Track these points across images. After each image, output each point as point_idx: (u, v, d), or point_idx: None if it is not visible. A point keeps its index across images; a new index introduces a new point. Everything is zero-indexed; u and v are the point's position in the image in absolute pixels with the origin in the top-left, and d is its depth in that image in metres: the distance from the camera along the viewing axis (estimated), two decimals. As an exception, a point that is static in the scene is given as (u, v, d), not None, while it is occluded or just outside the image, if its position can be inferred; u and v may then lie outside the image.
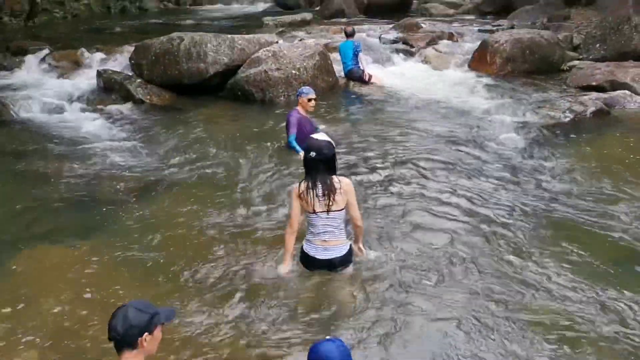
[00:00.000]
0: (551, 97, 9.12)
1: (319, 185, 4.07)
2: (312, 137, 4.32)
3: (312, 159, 4.12)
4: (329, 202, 4.06)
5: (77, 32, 13.99)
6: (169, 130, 8.14)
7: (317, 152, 4.10)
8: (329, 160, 4.17)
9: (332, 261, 4.21)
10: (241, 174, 6.51)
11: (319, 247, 4.19)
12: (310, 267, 4.29)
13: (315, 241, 4.19)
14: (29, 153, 7.26)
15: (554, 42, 11.14)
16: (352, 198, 4.20)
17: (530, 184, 6.12)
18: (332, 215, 4.11)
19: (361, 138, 7.59)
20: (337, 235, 4.19)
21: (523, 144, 7.30)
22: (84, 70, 10.68)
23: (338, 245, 4.20)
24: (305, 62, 9.61)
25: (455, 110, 8.76)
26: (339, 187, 4.09)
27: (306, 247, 4.25)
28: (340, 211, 4.14)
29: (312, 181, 4.10)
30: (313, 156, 4.11)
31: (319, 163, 4.11)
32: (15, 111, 8.75)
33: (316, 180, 4.09)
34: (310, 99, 6.88)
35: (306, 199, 4.09)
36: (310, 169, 4.16)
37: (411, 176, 6.27)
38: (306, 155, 4.19)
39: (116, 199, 5.95)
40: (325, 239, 4.16)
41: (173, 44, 9.71)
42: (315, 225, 4.17)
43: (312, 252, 4.21)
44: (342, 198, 4.10)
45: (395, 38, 12.90)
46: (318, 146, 4.13)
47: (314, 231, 4.19)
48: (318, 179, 4.09)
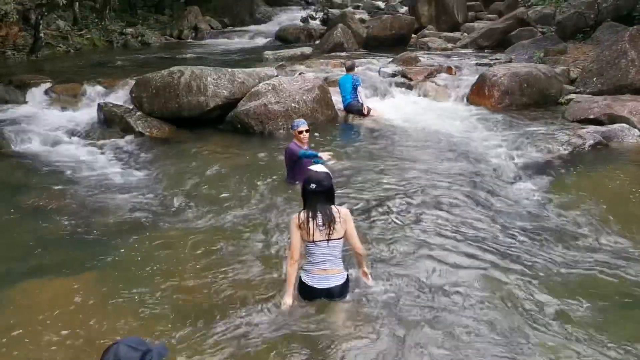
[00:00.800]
0: (549, 130, 9.14)
1: (319, 215, 4.12)
2: (310, 169, 4.37)
3: (313, 190, 4.17)
4: (329, 231, 4.11)
5: (79, 66, 14.14)
6: (169, 163, 8.15)
7: (317, 184, 4.16)
8: (329, 191, 4.25)
9: (331, 290, 4.23)
10: (240, 207, 6.50)
11: (317, 277, 4.20)
12: (308, 297, 4.28)
13: (315, 270, 4.21)
14: (27, 186, 7.26)
15: (551, 76, 11.25)
16: (351, 227, 4.26)
17: (528, 218, 6.10)
18: (332, 244, 4.15)
19: (360, 171, 7.59)
20: (336, 264, 4.22)
21: (521, 177, 7.30)
22: (86, 103, 10.78)
23: (337, 274, 4.23)
24: (305, 96, 9.69)
25: (453, 143, 8.79)
26: (338, 217, 4.15)
27: (305, 277, 4.25)
28: (339, 240, 4.19)
29: (312, 211, 4.14)
30: (313, 188, 4.16)
31: (319, 194, 4.17)
32: (15, 144, 8.79)
33: (316, 210, 4.14)
34: (301, 130, 6.86)
35: (306, 228, 4.12)
36: (310, 200, 4.20)
37: (409, 209, 6.25)
38: (306, 187, 4.22)
39: (114, 232, 5.92)
40: (325, 268, 4.19)
41: (173, 77, 9.81)
42: (314, 255, 4.19)
43: (311, 281, 4.21)
44: (341, 227, 4.16)
45: (394, 71, 13.02)
46: (317, 178, 4.19)
47: (312, 260, 4.20)
48: (318, 208, 4.14)
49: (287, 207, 6.33)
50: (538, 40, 15.16)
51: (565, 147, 8.13)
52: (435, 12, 20.03)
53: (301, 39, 19.28)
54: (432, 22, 20.00)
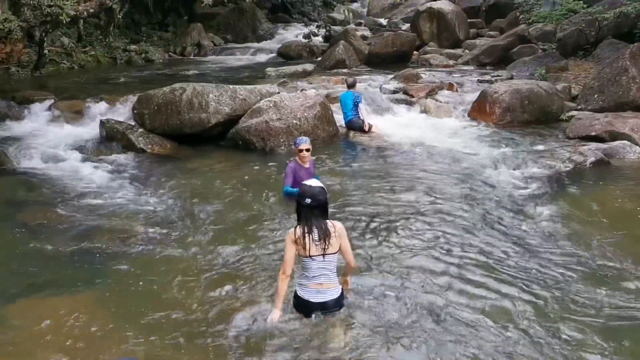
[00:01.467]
0: (551, 147, 9.16)
1: (314, 230, 4.14)
2: (304, 184, 4.37)
3: (308, 205, 4.18)
4: (325, 246, 4.13)
5: (82, 83, 14.20)
6: (170, 180, 8.15)
7: (312, 199, 4.17)
8: (323, 206, 4.26)
9: (327, 304, 4.25)
10: (240, 224, 6.50)
11: (313, 290, 4.22)
12: (304, 311, 4.29)
13: (310, 285, 4.22)
14: (28, 203, 7.27)
15: (552, 93, 11.28)
16: (345, 241, 4.30)
17: (529, 236, 6.07)
18: (327, 258, 4.18)
19: (360, 187, 7.60)
20: (331, 278, 4.25)
21: (523, 194, 7.28)
22: (88, 119, 10.80)
23: (332, 288, 4.26)
24: (306, 112, 9.72)
25: (454, 160, 8.78)
26: (333, 231, 4.18)
27: (300, 292, 4.27)
28: (334, 254, 4.22)
29: (308, 226, 4.15)
30: (308, 203, 4.17)
31: (314, 209, 4.18)
32: (17, 160, 8.80)
33: (312, 225, 4.16)
34: (301, 149, 6.80)
35: (302, 243, 4.14)
36: (305, 215, 4.21)
37: (408, 225, 6.26)
38: (301, 202, 4.23)
39: (113, 250, 5.90)
40: (320, 282, 4.21)
41: (175, 94, 9.85)
42: (310, 269, 4.20)
43: (307, 295, 4.23)
44: (336, 241, 4.19)
45: (395, 88, 13.07)
46: (312, 193, 4.20)
47: (308, 275, 4.22)
48: (313, 223, 4.15)
49: (287, 223, 6.32)
50: (539, 57, 15.23)
51: (567, 164, 8.12)
52: (437, 29, 20.13)
53: (303, 55, 19.36)
54: (434, 38, 20.09)
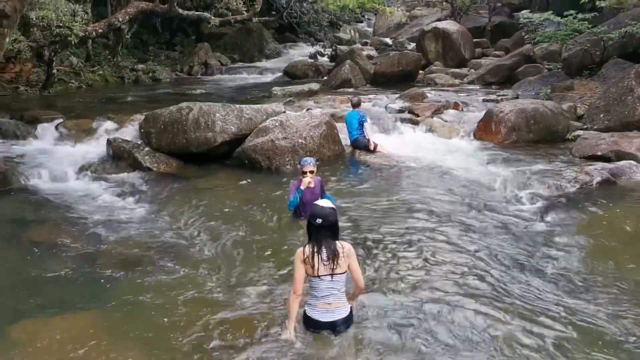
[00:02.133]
0: (556, 167, 9.13)
1: (323, 250, 4.17)
2: (316, 204, 4.42)
3: (318, 225, 4.21)
4: (333, 266, 4.15)
5: (90, 102, 14.31)
6: (176, 199, 8.18)
7: (323, 219, 4.20)
8: (334, 226, 4.29)
9: (335, 323, 4.28)
10: (246, 243, 6.50)
11: (322, 310, 4.25)
12: (313, 330, 4.32)
13: (319, 304, 4.25)
14: (34, 221, 7.30)
15: (558, 112, 11.28)
16: (354, 262, 4.31)
17: (535, 256, 6.04)
18: (335, 278, 4.20)
19: (366, 207, 7.59)
20: (339, 298, 4.28)
21: (529, 215, 7.26)
22: (95, 138, 10.83)
23: (340, 307, 4.28)
24: (312, 132, 9.75)
25: (460, 180, 8.77)
26: (342, 252, 4.21)
27: (309, 312, 4.30)
28: (343, 274, 4.24)
29: (317, 246, 4.18)
30: (319, 223, 4.20)
31: (325, 229, 4.21)
32: (24, 179, 8.85)
33: (321, 245, 4.19)
34: (305, 171, 6.67)
35: (311, 263, 4.16)
36: (315, 235, 4.24)
37: (414, 246, 6.24)
38: (312, 222, 4.26)
39: (118, 269, 5.90)
40: (329, 302, 4.23)
41: (182, 113, 9.92)
42: (318, 289, 4.23)
43: (316, 315, 4.26)
44: (345, 262, 4.22)
45: (401, 107, 13.11)
46: (323, 213, 4.23)
47: (317, 295, 4.25)
48: (323, 243, 4.18)
49: (293, 243, 6.32)
50: (544, 77, 15.27)
51: (573, 184, 8.09)
52: (442, 48, 20.25)
53: (309, 74, 19.49)
54: (439, 58, 20.20)
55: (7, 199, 8.12)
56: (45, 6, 13.37)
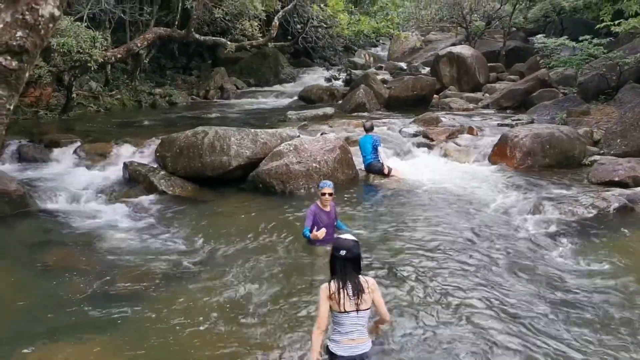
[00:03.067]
0: (573, 192, 9.04)
1: (349, 285, 4.13)
2: (339, 237, 4.43)
3: (343, 257, 4.18)
4: (359, 302, 4.11)
5: (108, 125, 14.52)
6: (191, 223, 8.22)
7: (347, 251, 4.18)
8: (357, 259, 4.25)
9: (357, 357, 4.20)
10: (260, 269, 6.48)
11: (346, 346, 4.17)
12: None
13: (343, 340, 4.18)
14: (50, 244, 7.38)
15: (574, 137, 11.21)
16: (378, 296, 4.29)
17: (552, 283, 5.96)
18: (360, 314, 4.15)
19: (380, 232, 7.57)
20: (363, 333, 4.22)
21: (545, 241, 7.19)
22: (112, 162, 10.99)
23: (364, 342, 4.22)
24: (326, 156, 9.79)
25: (475, 204, 8.73)
26: (366, 286, 4.17)
27: (333, 347, 4.22)
28: (367, 310, 4.19)
29: (342, 281, 4.14)
30: (343, 255, 4.17)
31: (348, 262, 4.18)
32: (42, 201, 8.97)
33: (346, 280, 4.15)
34: (324, 192, 6.97)
35: (337, 299, 4.12)
36: (339, 268, 4.21)
37: (429, 272, 6.19)
38: (335, 254, 4.23)
39: (134, 292, 5.94)
40: (353, 338, 4.17)
41: (197, 137, 10.03)
42: (343, 325, 4.17)
43: (340, 351, 4.18)
44: (369, 297, 4.18)
45: (415, 132, 13.14)
46: (347, 245, 4.21)
47: (341, 330, 4.18)
48: (347, 278, 4.15)
49: (307, 269, 6.30)
50: (560, 101, 15.22)
51: (590, 210, 8.00)
52: (457, 73, 20.31)
53: (324, 98, 19.60)
54: (454, 82, 20.26)
55: (24, 221, 8.22)
56: (66, 33, 13.65)
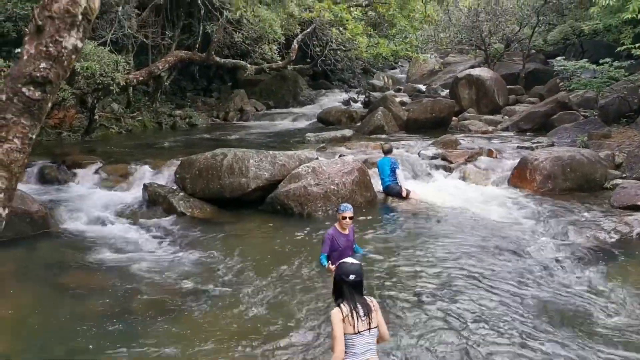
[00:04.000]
0: (595, 217, 8.91)
1: (359, 306, 4.22)
2: (345, 262, 4.47)
3: (352, 282, 4.27)
4: (369, 321, 4.20)
5: (129, 147, 14.71)
6: (209, 245, 8.25)
7: (357, 275, 4.29)
8: (362, 282, 4.37)
9: None
10: (278, 292, 6.47)
11: None
12: None
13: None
14: (71, 264, 7.45)
15: (595, 160, 11.08)
16: (380, 315, 4.37)
17: (574, 309, 5.85)
18: (372, 332, 4.23)
19: (399, 255, 7.52)
20: (374, 352, 4.27)
21: (567, 266, 7.07)
22: (132, 183, 11.10)
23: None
24: (344, 178, 9.80)
25: (495, 228, 8.64)
26: (372, 306, 4.27)
27: None
28: (376, 328, 4.26)
29: (353, 303, 4.23)
30: (353, 279, 4.27)
31: (357, 285, 4.29)
32: (62, 222, 9.09)
33: (355, 301, 4.24)
34: (345, 216, 6.98)
35: (350, 321, 4.18)
36: (348, 292, 4.28)
37: (448, 297, 6.12)
38: (345, 279, 4.29)
39: (154, 313, 5.97)
40: (368, 358, 4.20)
41: (216, 159, 10.11)
42: (357, 346, 4.20)
43: None
44: (376, 315, 4.27)
45: (434, 154, 13.09)
46: (355, 269, 4.32)
47: (356, 352, 4.20)
48: (357, 300, 4.24)
49: (326, 295, 6.27)
50: (580, 124, 15.08)
51: (612, 234, 7.88)
52: (476, 95, 20.29)
53: (342, 121, 19.68)
54: (473, 105, 20.22)
55: (46, 241, 8.33)
56: (90, 57, 13.96)
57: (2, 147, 2.98)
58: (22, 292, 6.63)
